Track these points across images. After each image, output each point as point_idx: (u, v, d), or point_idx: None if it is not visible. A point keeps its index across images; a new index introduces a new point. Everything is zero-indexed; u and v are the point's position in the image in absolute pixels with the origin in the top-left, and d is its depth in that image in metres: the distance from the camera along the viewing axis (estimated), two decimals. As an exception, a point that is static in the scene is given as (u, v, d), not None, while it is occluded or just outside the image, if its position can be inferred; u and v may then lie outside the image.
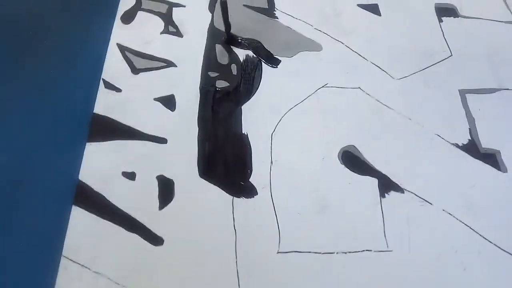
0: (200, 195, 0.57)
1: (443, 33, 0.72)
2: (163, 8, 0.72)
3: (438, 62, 0.69)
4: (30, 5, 0.68)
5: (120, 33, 0.68)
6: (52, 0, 0.70)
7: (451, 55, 0.70)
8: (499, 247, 0.56)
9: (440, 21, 0.73)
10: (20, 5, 0.68)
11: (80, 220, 0.54)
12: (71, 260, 0.52)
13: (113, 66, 0.65)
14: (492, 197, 0.59)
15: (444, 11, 0.75)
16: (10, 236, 0.52)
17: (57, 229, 0.53)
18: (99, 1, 0.72)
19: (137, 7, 0.71)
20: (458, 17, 0.74)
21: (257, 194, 0.58)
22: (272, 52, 0.69)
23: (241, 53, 0.69)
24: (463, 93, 0.66)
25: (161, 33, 0.69)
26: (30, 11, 0.68)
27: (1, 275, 0.50)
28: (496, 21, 0.74)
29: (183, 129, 0.61)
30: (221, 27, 0.70)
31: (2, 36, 0.65)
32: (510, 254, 0.55)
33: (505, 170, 0.61)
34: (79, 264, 0.51)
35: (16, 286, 0.49)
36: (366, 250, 0.55)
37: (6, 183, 0.54)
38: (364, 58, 0.69)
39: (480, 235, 0.56)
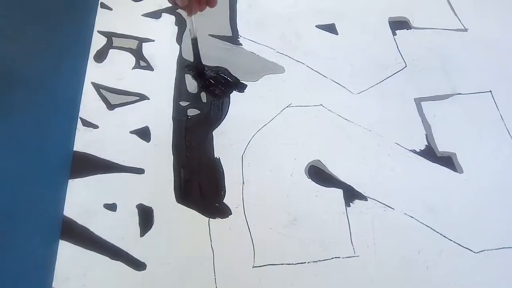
0: (178, 219, 0.61)
1: (397, 45, 0.77)
2: (133, 44, 0.76)
3: (394, 74, 0.74)
4: (7, 52, 0.72)
5: (94, 72, 0.73)
6: (27, 46, 0.74)
7: (406, 66, 0.75)
8: (459, 244, 0.60)
9: (394, 34, 0.78)
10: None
11: (67, 252, 0.58)
12: (61, 291, 0.55)
13: (89, 104, 0.69)
14: (450, 197, 0.63)
15: (397, 24, 0.80)
16: (2, 269, 0.55)
17: (46, 262, 0.56)
18: (71, 44, 0.76)
19: (109, 45, 0.76)
20: (410, 28, 0.79)
21: (231, 213, 0.62)
22: (238, 78, 0.73)
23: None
24: (418, 101, 0.71)
25: (133, 68, 0.74)
26: (7, 57, 0.72)
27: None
28: (447, 29, 0.79)
29: (159, 159, 0.66)
30: (190, 57, 0.74)
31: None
32: (470, 250, 0.60)
33: (461, 171, 0.65)
34: (69, 294, 0.55)
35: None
36: (335, 257, 0.59)
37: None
38: (324, 76, 0.74)
39: (441, 234, 0.61)
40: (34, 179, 0.62)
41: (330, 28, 0.79)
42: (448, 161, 0.66)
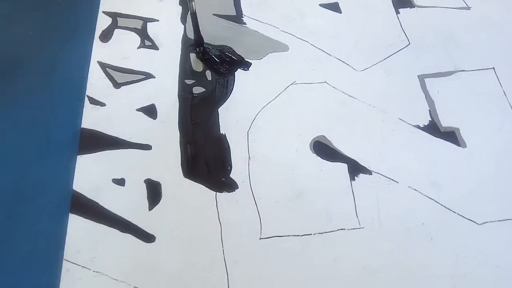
0: (185, 193, 0.62)
1: (400, 24, 0.77)
2: (138, 24, 0.77)
3: (397, 52, 0.74)
4: (15, 36, 0.73)
5: (100, 52, 0.73)
6: (35, 29, 0.75)
7: (409, 43, 0.75)
8: (462, 216, 0.61)
9: (397, 12, 0.79)
10: (7, 37, 0.73)
11: (77, 226, 0.59)
12: (72, 262, 0.56)
13: (96, 82, 0.70)
14: (453, 171, 0.64)
15: (401, 3, 0.80)
16: (15, 244, 0.57)
17: (57, 235, 0.58)
18: (77, 24, 0.76)
19: (114, 25, 0.76)
20: (414, 7, 0.79)
21: (238, 188, 0.63)
22: (242, 56, 0.74)
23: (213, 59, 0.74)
24: (422, 78, 0.71)
25: (138, 47, 0.74)
26: (18, 41, 0.73)
27: (10, 280, 0.54)
28: (450, 8, 0.79)
29: (166, 135, 0.66)
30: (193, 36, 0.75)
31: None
32: (473, 221, 0.61)
33: (464, 146, 0.66)
34: (80, 265, 0.56)
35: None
36: (340, 229, 0.60)
37: (10, 198, 0.59)
38: (328, 54, 0.74)
39: (445, 207, 0.61)
40: (43, 156, 0.63)
41: (334, 7, 0.79)
42: (451, 136, 0.66)
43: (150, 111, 0.68)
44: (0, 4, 0.76)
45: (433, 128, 0.67)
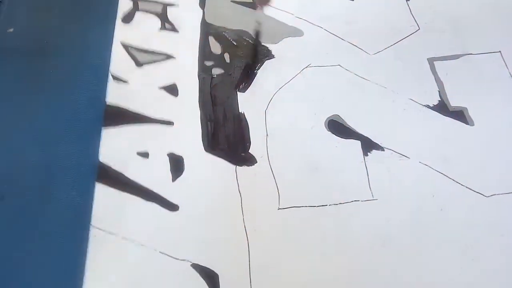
0: (206, 166, 0.65)
1: (410, 10, 0.81)
2: (158, 8, 0.80)
3: (407, 36, 0.77)
4: (45, 20, 0.76)
5: (122, 33, 0.76)
6: (61, 14, 0.78)
7: (419, 29, 0.78)
8: (470, 189, 0.64)
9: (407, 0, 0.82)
10: (36, 21, 0.76)
11: (103, 194, 0.61)
12: (99, 228, 0.59)
13: (119, 61, 0.73)
14: (462, 147, 0.67)
15: (410, -9, 0.83)
16: (47, 212, 0.59)
17: (84, 203, 0.60)
18: (100, 8, 0.79)
19: (135, 8, 0.79)
20: (423, -6, 0.83)
21: (256, 162, 0.65)
22: (259, 40, 0.77)
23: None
24: (431, 61, 0.75)
25: (159, 30, 0.77)
26: (46, 24, 0.76)
27: (42, 244, 0.57)
28: (457, -6, 0.83)
29: (187, 113, 0.69)
30: (212, 21, 0.78)
31: (22, 49, 0.73)
32: (481, 194, 0.64)
33: (472, 124, 0.69)
34: (107, 231, 0.59)
35: (55, 253, 0.57)
36: (354, 200, 0.63)
37: (41, 170, 0.62)
38: (341, 39, 0.78)
39: (454, 180, 0.65)
40: (72, 128, 0.66)
41: (346, -6, 0.83)
42: (460, 115, 0.69)
43: (172, 89, 0.71)
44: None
45: (442, 108, 0.70)
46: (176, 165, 0.65)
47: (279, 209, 0.62)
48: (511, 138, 0.68)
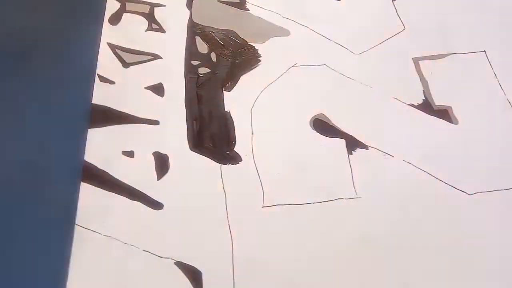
0: (192, 165, 0.65)
1: (396, 10, 0.81)
2: (145, 8, 0.80)
3: (393, 36, 0.78)
4: (32, 21, 0.77)
5: (109, 34, 0.77)
6: (48, 15, 0.78)
7: (404, 28, 0.79)
8: (454, 187, 0.64)
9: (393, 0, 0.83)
10: (23, 22, 0.77)
11: (88, 194, 0.62)
12: (84, 227, 0.59)
13: (106, 62, 0.73)
14: (445, 145, 0.68)
15: (397, -9, 0.84)
16: (31, 211, 0.60)
17: (69, 203, 0.61)
18: (87, 9, 0.80)
19: (122, 9, 0.80)
20: (409, -6, 0.83)
21: (241, 160, 0.66)
22: (246, 40, 0.77)
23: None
24: (416, 60, 0.75)
25: (146, 30, 0.78)
26: (33, 25, 0.76)
27: (25, 243, 0.57)
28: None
29: (173, 112, 0.70)
30: (199, 21, 0.79)
31: (7, 49, 0.73)
32: (464, 192, 0.64)
33: (456, 122, 0.70)
34: (91, 230, 0.59)
35: (39, 251, 0.57)
36: (338, 198, 0.63)
37: (26, 169, 0.62)
38: (328, 38, 0.78)
39: (437, 178, 0.65)
40: (57, 128, 0.66)
41: (333, -5, 0.83)
42: (444, 114, 0.70)
43: (158, 89, 0.72)
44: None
45: (426, 107, 0.71)
46: (161, 164, 0.65)
47: (263, 207, 0.62)
48: (495, 136, 0.68)
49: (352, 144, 0.68)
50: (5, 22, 0.76)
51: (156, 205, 0.62)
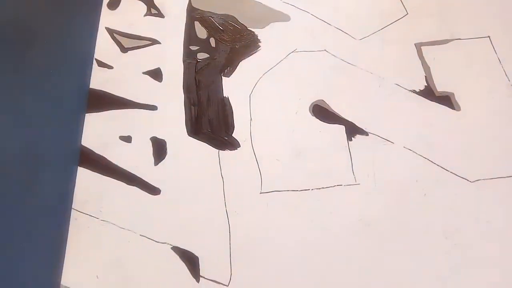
0: (189, 150, 0.65)
1: (398, -5, 0.80)
2: (144, -7, 0.79)
3: (395, 21, 0.76)
4: (30, 6, 0.76)
5: (107, 19, 0.76)
6: (47, 1, 0.77)
7: (407, 13, 0.77)
8: (455, 174, 0.63)
9: (396, -16, 0.81)
10: (20, 7, 0.76)
11: (85, 178, 0.61)
12: (80, 211, 0.59)
13: (104, 47, 0.73)
14: (447, 132, 0.66)
15: (400, -24, 0.82)
16: (30, 194, 0.59)
17: (66, 187, 0.60)
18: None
19: (121, -6, 0.79)
20: (412, -20, 0.82)
21: (240, 146, 0.65)
22: (245, 25, 0.76)
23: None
24: (418, 46, 0.74)
25: (145, 15, 0.77)
26: (31, 10, 0.75)
27: (22, 226, 0.57)
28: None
29: (171, 97, 0.69)
30: (198, 5, 0.77)
31: (5, 36, 0.72)
32: (466, 179, 0.63)
33: (458, 109, 0.68)
34: (88, 214, 0.59)
35: (36, 235, 0.57)
36: (337, 185, 0.62)
37: (26, 153, 0.62)
38: (328, 24, 0.77)
39: (438, 165, 0.64)
40: (55, 113, 0.66)
41: (334, -21, 0.81)
42: (446, 100, 0.69)
43: (156, 74, 0.71)
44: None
45: (428, 93, 0.69)
46: (159, 149, 0.65)
47: (261, 193, 0.62)
48: (497, 123, 0.67)
49: (352, 130, 0.67)
50: (3, 8, 0.76)
51: (153, 190, 0.61)
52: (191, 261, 0.57)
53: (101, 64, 0.71)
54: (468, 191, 0.62)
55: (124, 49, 0.73)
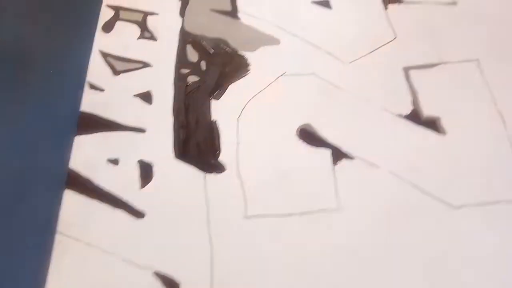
0: (176, 173, 0.65)
1: (388, 18, 0.80)
2: (138, 16, 0.81)
3: (384, 45, 0.77)
4: (26, 28, 0.78)
5: (101, 41, 0.78)
6: (42, 23, 0.80)
7: (395, 37, 0.78)
8: (440, 199, 0.63)
9: (386, 8, 0.82)
10: (16, 29, 0.78)
11: (71, 201, 0.62)
12: (65, 234, 0.60)
13: (96, 70, 0.74)
14: (433, 157, 0.66)
15: (390, -1, 0.83)
16: (16, 216, 0.60)
17: (52, 209, 0.61)
18: (81, 17, 0.81)
19: (116, 17, 0.81)
20: (402, 3, 0.82)
21: (226, 169, 0.66)
22: (236, 49, 0.78)
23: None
24: (406, 70, 0.74)
25: (138, 38, 0.78)
26: (24, 35, 0.78)
27: (5, 248, 0.58)
28: (436, 3, 0.82)
29: (160, 120, 0.70)
30: (191, 29, 0.79)
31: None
32: (450, 204, 0.63)
33: (444, 133, 0.68)
34: (72, 237, 0.60)
35: (19, 257, 0.58)
36: (321, 209, 0.62)
37: (13, 173, 0.63)
38: (318, 47, 0.78)
39: (423, 190, 0.64)
40: (45, 134, 0.68)
41: (325, 3, 0.83)
42: (432, 124, 0.69)
43: (146, 97, 0.72)
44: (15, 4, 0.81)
45: (415, 117, 0.70)
46: (145, 172, 0.65)
47: (245, 217, 0.62)
48: (483, 148, 0.67)
49: (338, 154, 0.67)
50: None
51: (137, 214, 0.62)
52: (172, 286, 0.57)
53: (92, 86, 0.72)
54: (453, 217, 0.62)
55: (116, 72, 0.74)
